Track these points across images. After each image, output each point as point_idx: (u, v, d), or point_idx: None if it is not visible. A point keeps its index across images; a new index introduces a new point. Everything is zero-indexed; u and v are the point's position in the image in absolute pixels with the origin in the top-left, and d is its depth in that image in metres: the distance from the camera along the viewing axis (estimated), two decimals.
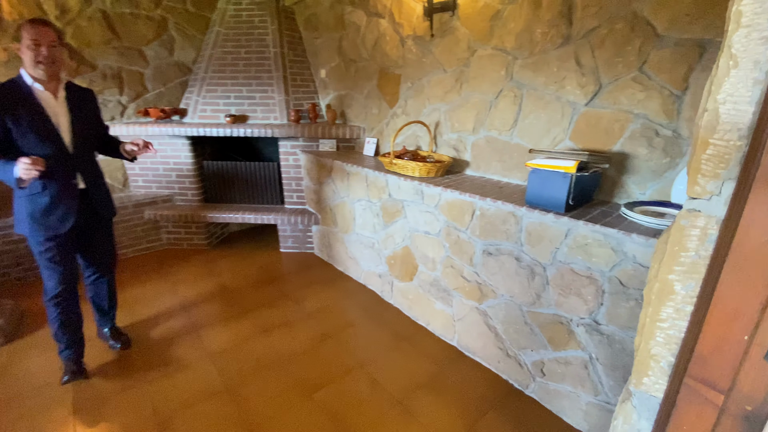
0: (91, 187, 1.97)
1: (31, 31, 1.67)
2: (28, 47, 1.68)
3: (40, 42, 1.69)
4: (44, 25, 1.71)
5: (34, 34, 1.68)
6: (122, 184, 3.66)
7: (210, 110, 3.54)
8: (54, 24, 1.76)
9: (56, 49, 1.75)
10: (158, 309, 2.69)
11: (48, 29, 1.72)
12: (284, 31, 3.59)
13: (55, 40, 1.75)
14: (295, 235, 3.62)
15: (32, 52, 1.69)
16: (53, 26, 1.75)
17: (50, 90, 1.80)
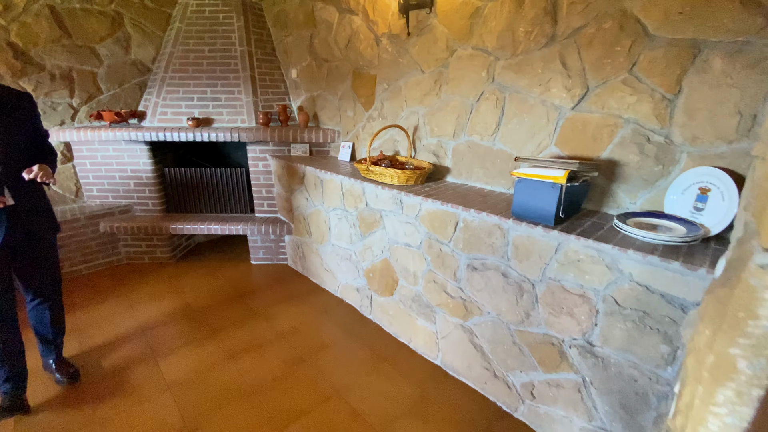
0: (22, 204, 1.72)
1: None
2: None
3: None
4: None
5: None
6: (74, 194, 3.34)
7: (171, 113, 3.28)
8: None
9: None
10: (113, 333, 2.43)
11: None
12: (252, 28, 3.37)
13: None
14: (266, 245, 3.40)
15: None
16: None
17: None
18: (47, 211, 1.89)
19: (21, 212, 1.72)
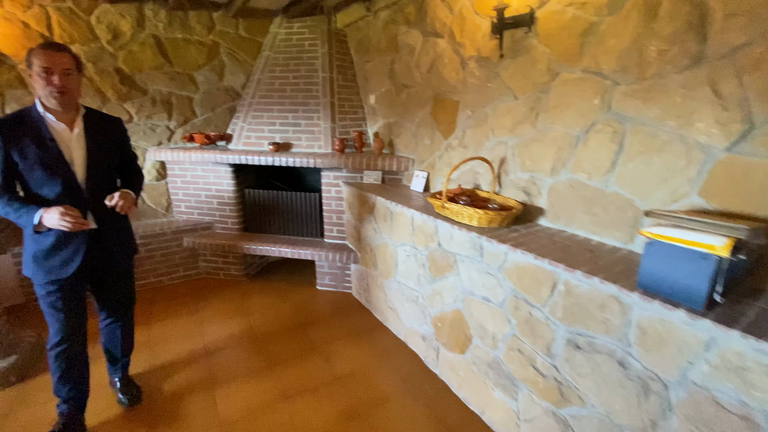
0: (104, 227, 1.76)
1: (42, 58, 1.50)
2: (38, 75, 1.51)
3: (52, 69, 1.52)
4: (57, 51, 1.54)
5: (45, 61, 1.50)
6: (165, 209, 3.61)
7: (255, 137, 3.39)
8: (69, 49, 1.58)
9: (71, 78, 1.57)
10: (180, 352, 2.46)
11: (62, 55, 1.54)
12: (334, 54, 3.38)
13: (70, 67, 1.57)
14: (332, 272, 3.29)
15: (43, 80, 1.52)
16: (68, 51, 1.58)
17: (65, 121, 1.63)
18: (127, 233, 1.94)
19: (102, 235, 1.75)
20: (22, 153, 1.53)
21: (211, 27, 3.44)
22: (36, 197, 1.59)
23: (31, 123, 1.57)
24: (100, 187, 1.72)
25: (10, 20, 2.74)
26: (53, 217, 1.51)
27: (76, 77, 1.62)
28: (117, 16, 3.06)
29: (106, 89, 3.14)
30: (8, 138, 1.51)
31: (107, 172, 1.79)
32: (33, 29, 2.82)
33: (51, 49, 1.53)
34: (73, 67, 1.59)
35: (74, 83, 1.60)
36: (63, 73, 1.54)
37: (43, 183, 1.57)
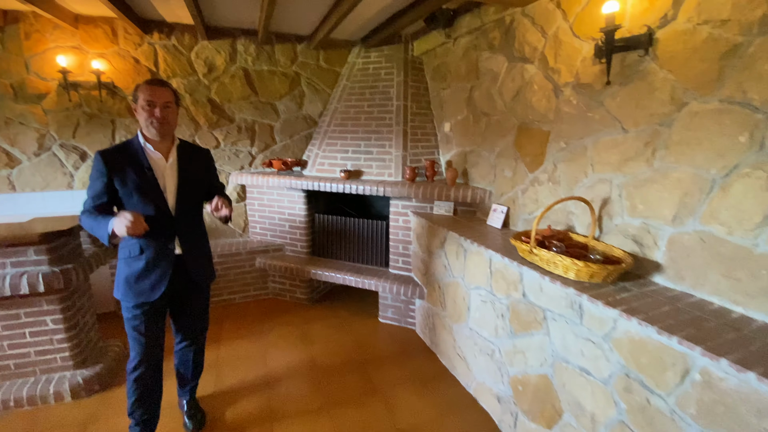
0: (187, 253, 1.82)
1: (147, 92, 1.61)
2: (142, 108, 1.62)
3: (155, 102, 1.62)
4: (160, 86, 1.65)
5: (149, 95, 1.61)
6: (242, 230, 3.77)
7: (328, 164, 3.43)
8: (170, 84, 1.69)
9: (170, 110, 1.67)
10: (243, 378, 2.46)
11: (164, 90, 1.65)
12: (410, 82, 3.33)
13: (170, 100, 1.67)
14: (396, 305, 3.14)
15: (146, 112, 1.62)
16: (169, 87, 1.69)
17: (161, 151, 1.73)
18: (208, 260, 1.98)
19: (186, 261, 1.82)
20: (122, 180, 1.63)
21: (294, 59, 3.61)
22: None
23: (133, 152, 1.67)
24: (187, 214, 1.79)
25: (123, 57, 3.11)
26: (118, 222, 1.50)
27: (174, 110, 1.71)
28: (213, 51, 3.34)
29: (199, 118, 3.41)
30: (111, 166, 1.62)
31: (195, 200, 1.86)
32: (142, 64, 3.17)
33: (154, 85, 1.64)
34: (172, 100, 1.69)
35: (172, 115, 1.70)
36: (163, 106, 1.64)
37: (138, 208, 1.65)
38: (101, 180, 1.62)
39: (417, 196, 2.89)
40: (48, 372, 2.30)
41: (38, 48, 2.88)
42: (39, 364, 2.27)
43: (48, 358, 2.28)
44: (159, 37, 3.18)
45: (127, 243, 1.71)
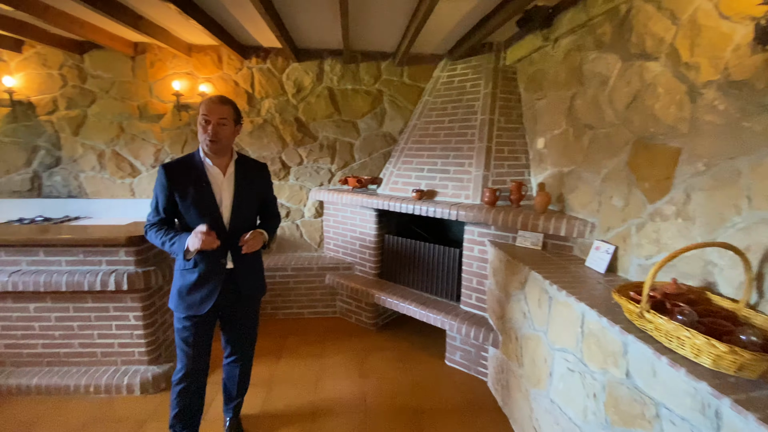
0: (238, 268, 1.78)
1: (204, 108, 1.62)
2: (199, 123, 1.63)
3: (209, 119, 1.61)
4: (218, 103, 1.64)
5: (206, 111, 1.61)
6: (317, 244, 3.78)
7: (402, 183, 3.23)
8: (231, 102, 1.68)
9: (224, 127, 1.65)
10: (292, 402, 2.34)
11: (219, 106, 1.63)
12: (499, 94, 2.95)
13: (225, 117, 1.65)
14: (466, 349, 2.71)
15: (201, 128, 1.63)
16: (229, 104, 1.67)
17: (219, 166, 1.72)
18: (260, 274, 1.94)
19: (237, 275, 1.78)
20: (181, 194, 1.65)
21: (378, 76, 3.54)
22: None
23: (193, 166, 1.69)
24: (241, 228, 1.75)
25: (226, 80, 3.41)
26: (192, 239, 1.56)
27: (230, 127, 1.68)
28: (302, 72, 3.47)
29: (287, 136, 3.55)
30: (172, 180, 1.65)
31: (249, 214, 1.83)
32: (241, 87, 3.44)
33: (213, 102, 1.64)
34: (229, 118, 1.66)
35: (226, 133, 1.67)
36: (217, 123, 1.62)
37: (195, 221, 1.66)
38: (164, 193, 1.66)
39: (496, 223, 2.46)
40: (126, 364, 2.50)
41: (160, 74, 3.35)
42: (120, 356, 2.49)
43: (128, 350, 2.48)
44: (256, 61, 3.43)
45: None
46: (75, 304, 2.40)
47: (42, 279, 2.25)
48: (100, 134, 3.40)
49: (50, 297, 2.37)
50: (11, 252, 2.31)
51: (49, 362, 2.46)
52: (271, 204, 1.97)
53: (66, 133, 3.37)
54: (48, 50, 3.22)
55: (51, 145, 3.38)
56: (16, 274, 2.27)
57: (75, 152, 3.41)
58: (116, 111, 3.38)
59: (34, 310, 2.39)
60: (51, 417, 2.16)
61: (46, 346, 2.44)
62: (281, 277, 3.42)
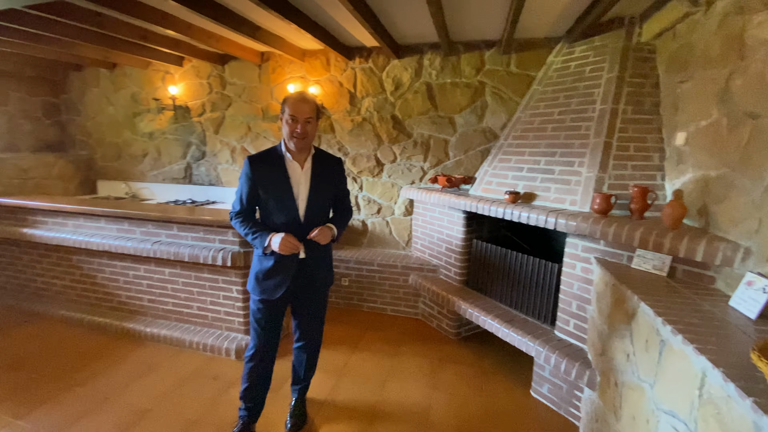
0: (310, 258, 1.85)
1: (292, 107, 1.70)
2: (286, 121, 1.73)
3: (297, 118, 1.70)
4: (304, 102, 1.72)
5: (293, 110, 1.70)
6: (405, 243, 3.74)
7: (496, 183, 2.92)
8: (313, 101, 1.74)
9: (310, 125, 1.73)
10: (357, 396, 2.35)
11: (306, 106, 1.71)
12: (627, 78, 2.40)
13: (312, 116, 1.73)
14: (556, 382, 2.29)
15: (288, 126, 1.72)
16: (312, 103, 1.74)
17: (298, 160, 1.81)
18: (329, 264, 2.00)
19: (308, 263, 1.86)
20: (263, 186, 1.79)
21: (480, 67, 3.27)
22: (267, 223, 1.83)
23: (275, 160, 1.81)
24: (314, 219, 1.82)
25: (332, 81, 3.61)
26: (277, 241, 1.69)
27: (314, 124, 1.77)
28: (401, 69, 3.45)
29: (382, 133, 3.59)
30: (257, 172, 1.79)
31: (323, 207, 1.88)
32: (344, 87, 3.60)
33: (300, 101, 1.72)
34: (314, 116, 1.75)
35: (312, 130, 1.76)
36: (305, 122, 1.71)
37: (274, 212, 1.79)
38: (248, 183, 1.81)
39: (606, 237, 1.99)
40: (228, 330, 2.88)
41: (279, 79, 3.75)
42: (224, 322, 2.88)
43: (230, 319, 2.86)
44: (359, 61, 3.54)
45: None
46: (196, 273, 2.86)
47: (173, 249, 2.75)
48: (233, 132, 4.01)
49: (179, 265, 2.88)
50: (155, 226, 2.89)
51: (175, 318, 3.00)
52: (344, 197, 2.00)
53: (210, 131, 4.08)
54: (200, 63, 3.94)
55: (199, 142, 4.14)
56: (157, 243, 2.83)
57: (215, 147, 4.10)
58: (245, 112, 3.93)
59: (168, 274, 2.94)
60: (167, 363, 2.62)
61: (175, 305, 2.98)
62: (367, 271, 3.48)
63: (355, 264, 3.50)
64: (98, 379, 2.42)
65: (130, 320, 3.01)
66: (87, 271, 3.18)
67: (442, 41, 2.98)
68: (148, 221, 2.88)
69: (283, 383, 2.37)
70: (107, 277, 3.12)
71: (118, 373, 2.49)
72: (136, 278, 3.03)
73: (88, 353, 2.71)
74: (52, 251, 3.27)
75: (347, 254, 3.55)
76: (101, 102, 4.43)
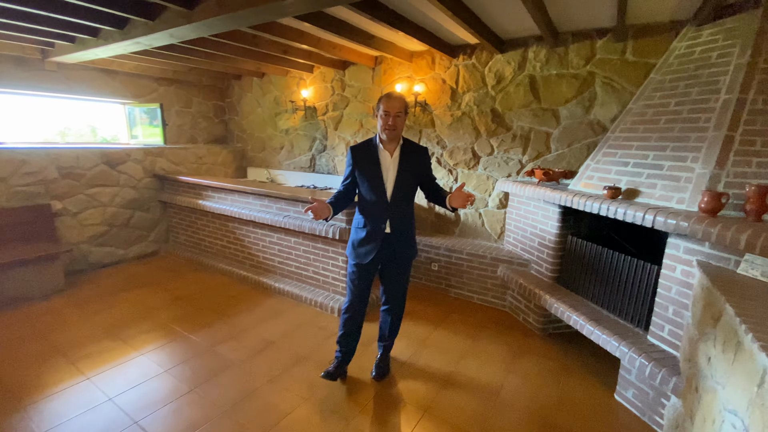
0: (393, 233, 2.20)
1: (385, 104, 2.06)
2: (380, 116, 2.09)
3: (389, 113, 2.05)
4: (395, 100, 2.06)
5: (386, 106, 2.06)
6: (497, 236, 3.81)
7: (597, 177, 2.81)
8: (402, 98, 2.06)
9: (399, 118, 2.07)
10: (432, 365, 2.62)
11: (397, 102, 2.05)
12: (761, 65, 2.09)
13: (401, 111, 2.06)
14: (642, 388, 2.19)
15: (382, 120, 2.09)
16: (402, 100, 2.07)
17: (388, 149, 2.17)
18: (411, 239, 2.31)
19: (391, 238, 2.22)
20: (360, 170, 2.21)
21: (590, 57, 3.13)
22: (361, 202, 2.25)
23: (370, 149, 2.20)
24: (399, 202, 2.17)
25: (436, 79, 3.87)
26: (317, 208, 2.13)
27: (403, 118, 2.11)
28: (504, 63, 3.51)
29: (481, 127, 3.72)
30: (356, 159, 2.21)
31: (407, 190, 2.21)
32: (447, 84, 3.83)
33: (391, 98, 2.08)
34: (402, 111, 2.08)
35: (400, 123, 2.10)
36: (395, 116, 2.06)
37: (366, 193, 2.20)
38: (348, 168, 2.25)
39: (710, 238, 1.83)
40: (334, 292, 3.45)
41: (389, 80, 4.18)
42: (331, 286, 3.46)
43: (336, 283, 3.42)
44: (463, 58, 3.72)
45: (357, 217, 2.28)
46: (312, 243, 3.50)
47: (298, 222, 3.41)
48: (349, 129, 4.61)
49: (301, 235, 3.56)
50: (287, 203, 3.60)
51: (296, 278, 3.71)
52: (431, 182, 2.28)
53: (330, 128, 4.77)
54: (326, 69, 4.63)
55: (322, 137, 4.87)
56: (287, 217, 3.54)
57: (333, 142, 4.78)
58: (359, 111, 4.49)
59: (293, 242, 3.65)
60: (288, 311, 3.31)
61: (296, 268, 3.69)
62: (456, 259, 3.69)
63: (445, 251, 3.74)
64: (240, 316, 3.22)
65: (265, 276, 3.84)
66: (238, 235, 4.14)
67: (546, 33, 2.96)
68: (282, 199, 3.61)
69: (372, 341, 2.79)
70: (251, 241, 4.02)
71: (253, 313, 3.26)
72: (271, 244, 3.84)
73: (235, 296, 3.59)
74: (216, 219, 4.33)
75: (438, 241, 3.81)
76: (252, 104, 5.55)
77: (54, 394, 2.21)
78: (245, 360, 2.60)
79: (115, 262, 4.38)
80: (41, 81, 4.07)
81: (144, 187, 4.58)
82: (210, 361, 2.58)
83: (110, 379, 2.36)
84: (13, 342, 2.73)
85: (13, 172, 3.56)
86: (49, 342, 2.74)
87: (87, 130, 6.09)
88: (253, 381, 2.39)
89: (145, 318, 3.14)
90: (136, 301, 3.45)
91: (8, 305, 3.26)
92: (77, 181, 3.99)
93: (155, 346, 2.75)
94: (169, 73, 4.99)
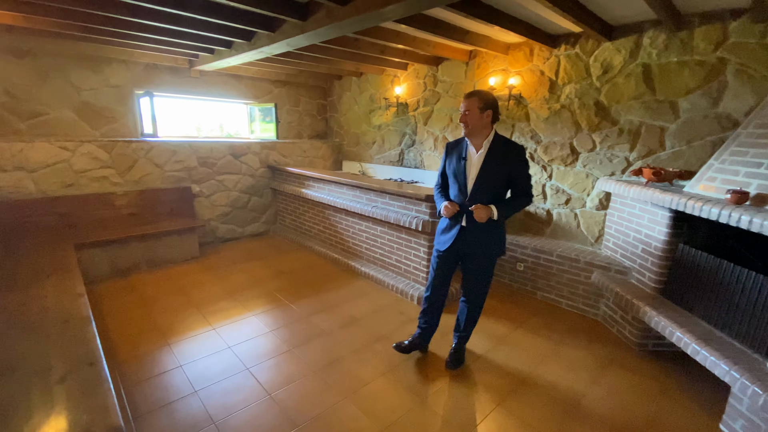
0: (468, 228, 2.29)
1: (462, 102, 2.18)
2: (461, 112, 2.19)
3: (461, 109, 2.18)
4: (467, 97, 2.17)
5: (461, 104, 2.19)
6: (595, 239, 3.55)
7: (720, 179, 2.45)
8: (477, 95, 2.12)
9: (469, 115, 2.16)
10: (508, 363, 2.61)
11: (468, 100, 2.16)
12: None
13: (470, 108, 2.14)
14: (753, 420, 1.90)
15: (460, 116, 2.19)
16: (475, 96, 2.15)
17: (475, 146, 2.24)
18: (495, 238, 2.33)
19: (467, 232, 2.30)
20: (450, 164, 2.33)
21: (721, 41, 2.69)
22: (447, 194, 2.38)
23: (461, 145, 2.31)
24: (478, 197, 2.23)
25: (533, 71, 3.72)
26: (440, 205, 2.30)
27: (473, 114, 2.15)
28: (613, 51, 3.21)
29: (582, 120, 3.47)
30: (447, 153, 2.36)
31: (490, 188, 2.24)
32: (545, 76, 3.65)
33: (465, 97, 2.20)
34: (473, 108, 2.15)
35: (472, 119, 2.16)
36: (464, 113, 2.17)
37: (451, 186, 2.34)
38: (442, 163, 2.39)
39: None
40: (414, 281, 3.61)
41: (483, 74, 4.13)
42: (412, 275, 3.63)
43: (416, 273, 3.58)
44: (564, 48, 3.51)
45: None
46: (397, 233, 3.71)
47: (384, 213, 3.65)
48: (438, 124, 4.69)
49: (387, 225, 3.79)
50: (375, 194, 3.86)
51: (380, 264, 3.97)
52: (520, 182, 2.25)
53: (420, 123, 4.91)
54: (419, 66, 4.76)
55: (412, 132, 5.04)
56: (375, 207, 3.80)
57: (422, 137, 4.91)
58: (450, 106, 4.53)
59: (379, 231, 3.91)
60: (372, 294, 3.59)
61: (381, 255, 3.94)
62: (545, 260, 3.53)
63: (532, 251, 3.61)
64: (331, 293, 3.59)
65: (353, 260, 4.18)
66: (332, 221, 4.56)
67: (665, 16, 2.64)
68: (371, 190, 3.89)
69: (449, 331, 2.88)
70: (343, 227, 4.40)
71: (342, 292, 3.61)
72: (360, 231, 4.16)
73: (328, 275, 4.00)
74: (315, 206, 4.83)
75: (526, 241, 3.69)
76: (350, 102, 5.97)
77: (189, 337, 2.79)
78: (334, 331, 2.93)
79: (235, 237, 5.19)
80: (188, 86, 5.00)
81: (260, 175, 5.32)
82: (305, 328, 2.97)
83: (229, 331, 2.89)
84: (163, 294, 3.49)
85: (167, 160, 4.47)
86: (187, 297, 3.43)
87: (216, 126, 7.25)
88: (339, 349, 2.69)
89: (255, 286, 3.71)
90: (249, 271, 4.08)
91: (159, 265, 4.14)
92: (210, 168, 4.83)
93: (263, 309, 3.25)
94: (282, 76, 5.67)
